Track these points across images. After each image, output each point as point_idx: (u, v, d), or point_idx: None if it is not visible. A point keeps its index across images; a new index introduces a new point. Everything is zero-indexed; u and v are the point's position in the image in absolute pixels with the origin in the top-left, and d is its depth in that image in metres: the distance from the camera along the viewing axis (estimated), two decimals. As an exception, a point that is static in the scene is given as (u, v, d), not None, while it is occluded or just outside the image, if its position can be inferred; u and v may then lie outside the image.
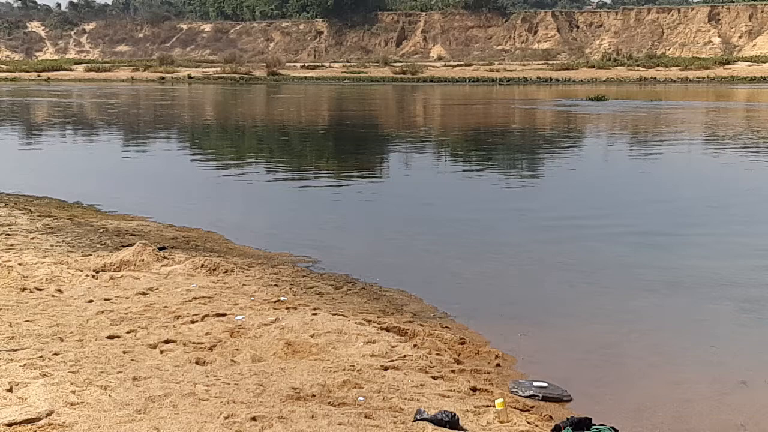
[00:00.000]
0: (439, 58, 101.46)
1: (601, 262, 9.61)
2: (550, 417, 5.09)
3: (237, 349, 5.72)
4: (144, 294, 7.16)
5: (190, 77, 75.25)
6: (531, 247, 10.33)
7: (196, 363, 5.44)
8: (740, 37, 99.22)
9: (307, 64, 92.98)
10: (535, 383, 5.60)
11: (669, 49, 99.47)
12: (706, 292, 8.28)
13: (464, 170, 18.40)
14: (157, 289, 7.35)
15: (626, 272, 9.07)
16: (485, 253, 10.00)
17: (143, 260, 8.32)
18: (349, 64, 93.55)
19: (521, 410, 5.18)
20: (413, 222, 12.09)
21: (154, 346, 5.76)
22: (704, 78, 71.50)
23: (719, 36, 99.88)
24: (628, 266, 9.32)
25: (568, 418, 4.95)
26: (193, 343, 5.84)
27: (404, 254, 9.98)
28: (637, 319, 7.40)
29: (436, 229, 11.54)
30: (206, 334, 6.05)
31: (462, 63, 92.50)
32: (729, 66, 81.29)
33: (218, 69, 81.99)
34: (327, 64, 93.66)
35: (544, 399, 5.44)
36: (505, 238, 10.87)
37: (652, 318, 7.43)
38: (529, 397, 5.44)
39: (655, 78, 72.77)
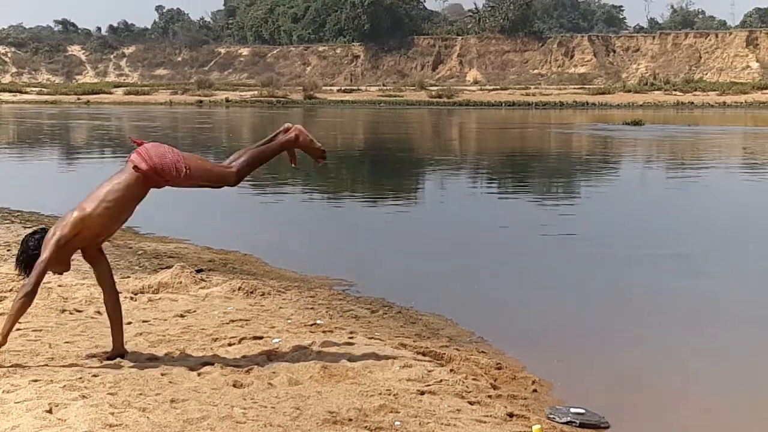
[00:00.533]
0: (475, 82, 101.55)
1: (638, 287, 9.55)
2: (588, 444, 5.07)
3: (274, 372, 5.73)
4: (182, 316, 7.20)
5: (227, 101, 75.84)
6: (567, 271, 10.30)
7: (234, 386, 5.45)
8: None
9: (343, 88, 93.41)
10: (572, 409, 5.57)
11: (706, 74, 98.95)
12: (743, 317, 8.21)
13: (500, 194, 18.38)
14: (194, 311, 7.39)
15: (664, 298, 9.00)
16: (521, 278, 9.98)
17: (181, 282, 8.37)
18: (385, 87, 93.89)
19: (558, 437, 5.16)
20: (448, 245, 12.09)
21: (192, 369, 5.77)
22: (742, 103, 71.06)
23: (757, 60, 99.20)
24: (666, 291, 9.26)
25: (605, 445, 4.94)
26: (231, 365, 5.86)
27: (440, 278, 9.98)
28: (675, 345, 7.34)
29: (472, 252, 11.53)
30: (243, 356, 6.07)
31: (498, 87, 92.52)
32: (767, 91, 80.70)
33: (255, 93, 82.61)
34: (363, 88, 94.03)
35: (582, 425, 5.40)
36: (541, 263, 10.84)
37: (689, 344, 7.37)
38: (567, 423, 5.40)
39: (692, 102, 72.46)
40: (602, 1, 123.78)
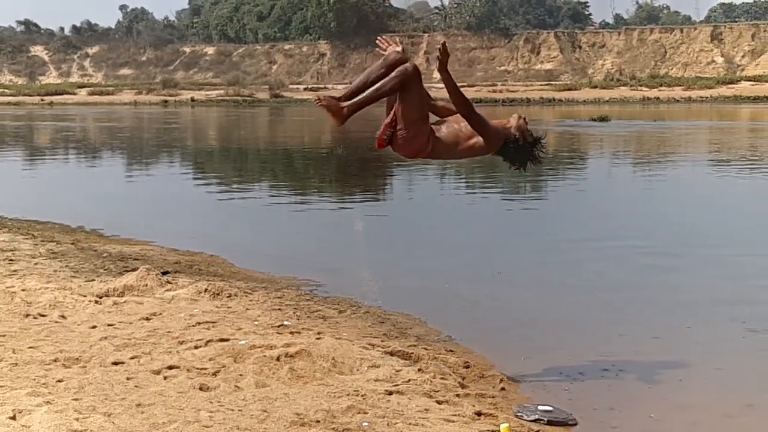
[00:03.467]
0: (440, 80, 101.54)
1: (607, 283, 9.59)
2: (556, 441, 5.07)
3: (241, 375, 5.70)
4: (147, 319, 7.14)
5: (193, 100, 75.46)
6: (536, 268, 10.33)
7: (200, 389, 5.41)
8: (743, 56, 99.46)
9: (310, 86, 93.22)
10: (540, 407, 5.57)
11: (672, 69, 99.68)
12: (714, 313, 8.25)
13: (468, 192, 18.40)
14: (160, 314, 7.33)
15: (634, 294, 9.04)
16: (490, 275, 9.98)
17: (146, 285, 8.30)
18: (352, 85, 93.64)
19: (526, 435, 5.16)
20: (417, 244, 12.09)
21: (158, 372, 5.73)
22: (707, 97, 71.61)
23: (722, 55, 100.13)
24: (636, 287, 9.30)
25: (573, 443, 4.95)
26: (197, 368, 5.81)
27: (408, 277, 9.97)
28: (645, 341, 7.36)
29: (440, 251, 11.52)
30: (210, 359, 6.03)
31: (465, 84, 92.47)
32: (732, 85, 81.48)
33: (221, 92, 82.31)
34: (330, 86, 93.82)
35: (550, 423, 5.40)
36: (510, 260, 10.86)
37: (659, 340, 7.40)
38: (534, 421, 5.40)
39: (658, 98, 72.90)
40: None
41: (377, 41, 6.34)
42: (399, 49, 6.12)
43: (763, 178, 20.02)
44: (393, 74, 6.04)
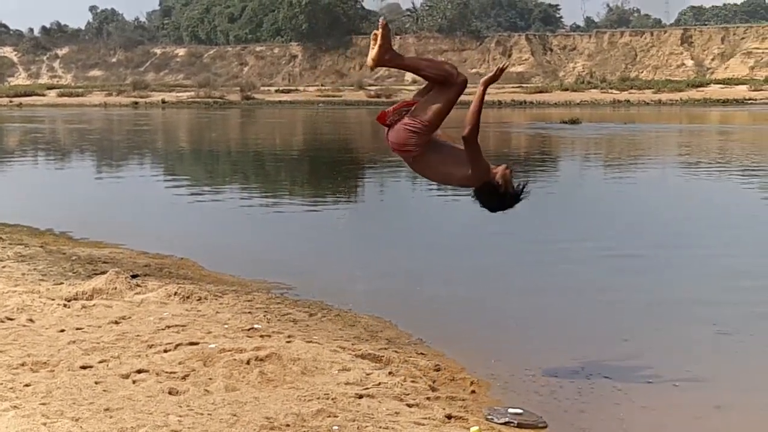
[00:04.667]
0: (414, 82, 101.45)
1: (578, 285, 9.62)
2: (526, 444, 5.07)
3: (210, 379, 5.67)
4: (116, 323, 7.09)
5: (163, 102, 75.11)
6: (508, 271, 10.35)
7: (169, 393, 5.38)
8: (713, 59, 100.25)
9: (281, 88, 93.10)
10: (510, 410, 5.58)
11: (642, 72, 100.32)
12: (684, 315, 8.31)
13: (440, 194, 18.41)
14: (129, 317, 7.28)
15: (604, 296, 9.08)
16: (462, 278, 9.99)
17: (116, 288, 8.25)
18: (323, 87, 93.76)
19: (496, 438, 5.16)
20: (388, 247, 12.09)
21: (127, 376, 5.69)
22: (677, 100, 72.07)
23: (692, 58, 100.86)
24: (606, 289, 9.35)
25: (543, 445, 4.96)
26: (166, 372, 5.78)
27: (380, 279, 9.97)
28: (614, 343, 7.40)
29: (412, 253, 11.53)
30: (179, 363, 6.00)
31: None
32: (702, 88, 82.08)
33: (192, 93, 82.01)
34: (302, 88, 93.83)
35: (520, 426, 5.42)
36: (482, 262, 10.88)
37: (628, 342, 7.43)
38: (505, 424, 5.42)
39: (628, 101, 73.32)
40: (539, 0, 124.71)
41: None
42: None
43: (732, 180, 20.16)
44: (446, 66, 6.03)
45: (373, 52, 5.92)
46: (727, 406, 6.00)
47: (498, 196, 6.10)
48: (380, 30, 5.86)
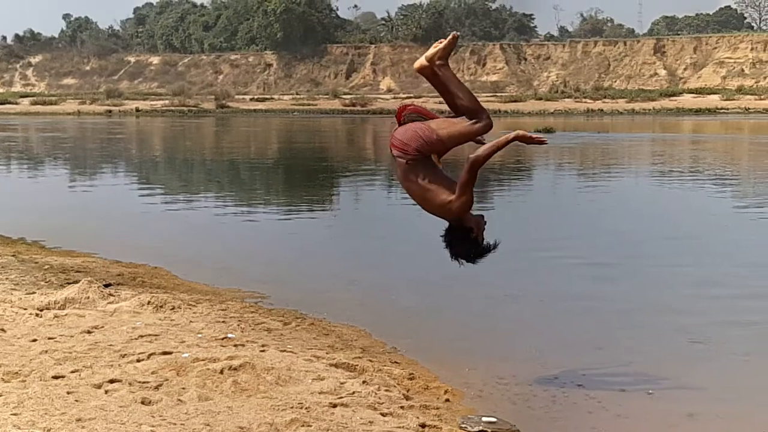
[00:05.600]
0: (389, 90, 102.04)
1: (550, 294, 9.65)
2: (499, 453, 5.08)
3: (183, 388, 5.64)
4: (89, 332, 7.04)
5: (137, 110, 74.71)
6: (482, 279, 10.34)
7: (142, 403, 5.35)
8: (685, 69, 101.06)
9: (256, 97, 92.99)
10: (484, 418, 5.59)
11: (615, 81, 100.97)
12: (655, 323, 8.35)
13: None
14: (102, 327, 7.23)
15: (576, 304, 9.11)
16: (436, 287, 9.99)
17: (88, 298, 8.19)
18: (298, 96, 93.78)
19: (470, 446, 5.16)
20: (363, 256, 12.09)
21: (99, 386, 5.65)
22: (650, 110, 72.51)
23: (665, 68, 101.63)
24: (578, 298, 9.38)
25: (516, 454, 4.97)
26: (139, 382, 5.75)
27: (354, 288, 9.96)
28: (587, 351, 7.43)
29: (386, 262, 11.54)
30: (152, 372, 5.96)
31: (411, 95, 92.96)
32: (674, 98, 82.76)
33: (166, 102, 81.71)
34: (276, 97, 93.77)
35: (493, 434, 5.42)
36: (456, 271, 10.85)
37: (602, 350, 7.46)
38: (479, 432, 5.42)
39: (602, 110, 73.71)
40: (513, 10, 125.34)
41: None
42: None
43: (704, 189, 20.30)
44: (479, 106, 6.18)
45: (430, 52, 6.04)
46: (700, 414, 6.03)
47: (469, 243, 6.17)
48: (450, 38, 6.01)
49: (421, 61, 6.09)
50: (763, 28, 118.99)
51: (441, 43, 6.01)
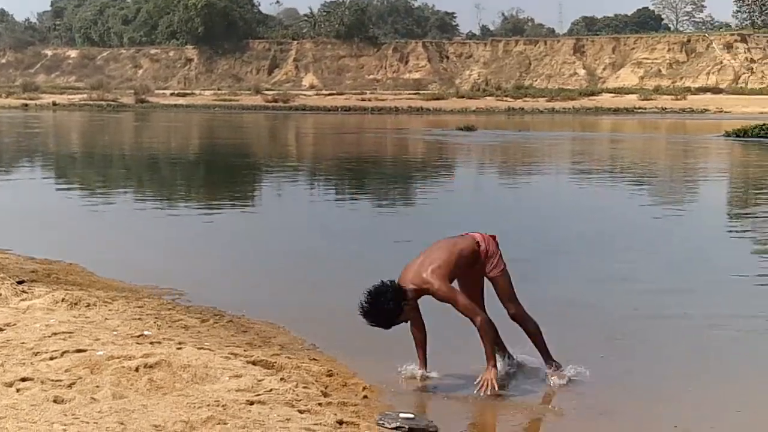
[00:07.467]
0: (312, 87, 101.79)
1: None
2: (416, 449, 5.09)
3: (98, 386, 5.55)
4: (1, 330, 6.89)
5: (55, 104, 73.42)
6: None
7: (54, 401, 5.25)
8: (604, 69, 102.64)
9: (177, 92, 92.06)
10: (401, 414, 5.59)
11: (536, 80, 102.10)
12: (571, 319, 8.42)
13: (338, 200, 18.42)
14: (14, 324, 7.08)
15: (490, 301, 9.15)
16: (357, 284, 9.93)
17: (0, 295, 8.02)
18: (220, 91, 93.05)
19: (387, 442, 5.17)
20: (285, 253, 12.03)
21: (10, 385, 5.53)
22: (570, 108, 73.43)
23: (584, 68, 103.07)
24: (491, 294, 9.41)
25: (433, 450, 4.99)
26: (52, 380, 5.64)
27: (274, 285, 9.92)
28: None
29: (308, 259, 11.49)
30: (66, 371, 5.85)
31: (334, 92, 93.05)
32: (594, 97, 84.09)
33: (84, 96, 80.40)
34: (197, 92, 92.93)
35: (411, 430, 5.43)
36: (378, 269, 10.83)
37: (515, 347, 7.50)
38: (396, 428, 5.42)
39: (522, 108, 74.43)
40: (435, 8, 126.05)
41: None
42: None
43: (619, 188, 20.65)
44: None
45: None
46: (612, 412, 6.10)
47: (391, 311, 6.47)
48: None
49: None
50: (679, 29, 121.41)
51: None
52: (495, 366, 6.29)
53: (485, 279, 6.75)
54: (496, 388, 6.14)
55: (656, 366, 7.14)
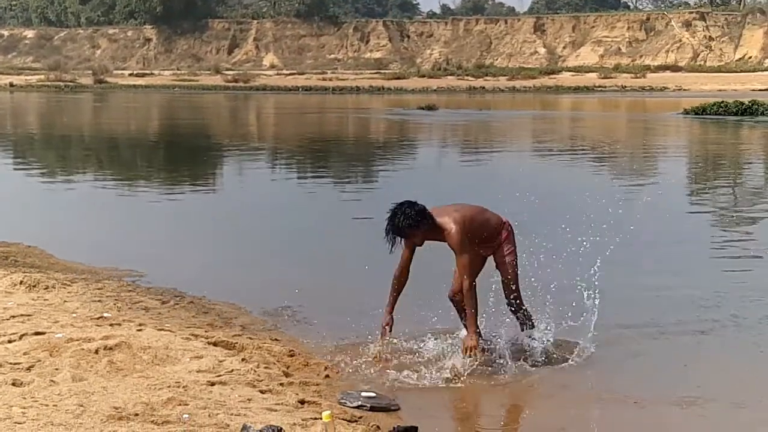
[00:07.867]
0: (272, 67, 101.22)
1: (434, 271, 9.69)
2: (378, 427, 5.09)
3: (57, 369, 5.51)
4: (-42, 314, 6.83)
5: (11, 85, 72.47)
6: (365, 257, 10.35)
7: (13, 384, 5.21)
8: (564, 47, 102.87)
9: (135, 72, 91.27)
10: (363, 393, 5.61)
11: (497, 59, 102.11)
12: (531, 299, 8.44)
13: (299, 179, 18.38)
14: (-28, 308, 7.02)
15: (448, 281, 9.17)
16: (319, 264, 9.98)
17: (-43, 278, 7.95)
18: (179, 72, 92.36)
19: (349, 421, 5.17)
20: (246, 233, 11.99)
21: (-32, 369, 5.49)
22: (531, 87, 73.53)
23: (544, 46, 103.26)
24: (448, 274, 9.43)
25: (395, 427, 4.99)
26: (10, 363, 5.60)
27: (236, 266, 9.87)
28: (457, 327, 7.44)
29: (270, 239, 11.48)
30: (24, 353, 5.81)
31: (295, 72, 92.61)
32: (554, 76, 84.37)
33: (42, 77, 79.44)
34: (156, 72, 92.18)
35: (372, 409, 5.44)
36: (340, 248, 10.87)
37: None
38: (357, 407, 5.43)
39: (483, 87, 74.42)
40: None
41: None
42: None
43: (582, 166, 20.76)
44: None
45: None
46: (558, 395, 6.15)
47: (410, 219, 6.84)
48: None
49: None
50: (639, 7, 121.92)
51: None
52: (478, 333, 6.42)
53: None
54: (479, 357, 6.20)
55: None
